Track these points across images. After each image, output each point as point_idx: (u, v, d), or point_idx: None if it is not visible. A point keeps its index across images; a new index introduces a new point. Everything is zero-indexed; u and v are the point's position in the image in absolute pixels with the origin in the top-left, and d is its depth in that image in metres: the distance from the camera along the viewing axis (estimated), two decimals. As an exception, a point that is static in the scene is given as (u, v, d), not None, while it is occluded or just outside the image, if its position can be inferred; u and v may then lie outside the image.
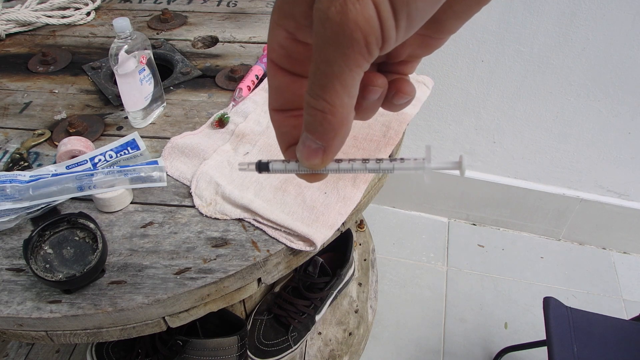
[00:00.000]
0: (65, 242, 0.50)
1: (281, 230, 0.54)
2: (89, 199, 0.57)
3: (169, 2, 0.97)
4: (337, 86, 0.19)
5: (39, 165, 0.62)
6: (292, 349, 0.95)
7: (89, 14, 0.91)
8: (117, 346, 0.86)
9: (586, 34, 1.03)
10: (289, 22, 0.21)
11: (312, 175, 0.25)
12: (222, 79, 0.76)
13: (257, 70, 0.75)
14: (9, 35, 0.86)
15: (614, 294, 1.33)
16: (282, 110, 0.24)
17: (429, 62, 1.17)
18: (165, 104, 0.71)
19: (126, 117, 0.69)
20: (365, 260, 1.17)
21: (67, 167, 0.56)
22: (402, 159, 0.25)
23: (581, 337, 0.86)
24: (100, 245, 0.49)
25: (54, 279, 0.46)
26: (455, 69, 1.17)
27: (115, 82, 0.67)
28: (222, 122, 0.67)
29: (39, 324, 0.48)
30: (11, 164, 0.61)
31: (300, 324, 0.96)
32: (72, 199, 0.57)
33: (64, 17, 0.89)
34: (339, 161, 0.25)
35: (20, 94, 0.74)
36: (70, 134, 0.64)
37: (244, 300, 0.96)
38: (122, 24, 0.61)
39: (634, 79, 1.08)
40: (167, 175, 0.60)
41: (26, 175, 0.55)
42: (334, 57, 0.18)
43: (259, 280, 0.54)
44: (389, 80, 0.24)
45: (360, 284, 1.11)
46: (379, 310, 1.24)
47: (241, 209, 0.56)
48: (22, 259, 0.51)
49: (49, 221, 0.50)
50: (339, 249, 1.06)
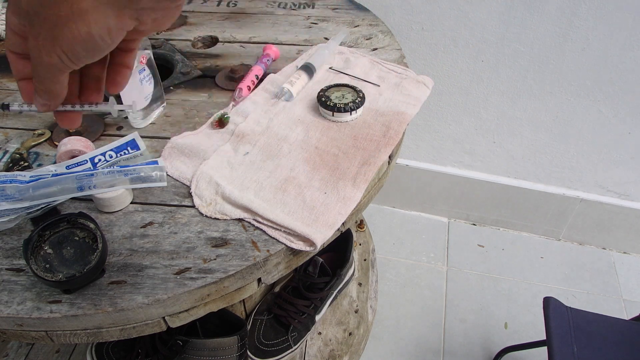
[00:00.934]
0: (65, 242, 0.50)
1: (281, 230, 0.54)
2: (89, 199, 0.57)
3: (169, 2, 0.96)
4: (48, 84, 0.34)
5: (39, 165, 0.62)
6: (292, 349, 0.95)
7: (89, 14, 0.90)
8: (117, 346, 0.86)
9: (586, 34, 1.03)
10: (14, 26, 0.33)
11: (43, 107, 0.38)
12: (222, 79, 0.76)
13: (257, 70, 0.75)
14: (9, 35, 0.86)
15: (614, 294, 1.33)
16: (16, 53, 0.35)
17: (429, 62, 1.18)
18: (165, 104, 0.71)
19: (126, 117, 0.69)
20: (365, 260, 1.17)
21: (67, 167, 0.56)
22: (97, 104, 0.40)
23: (581, 337, 0.86)
24: (100, 245, 0.49)
25: (54, 279, 0.46)
26: (455, 69, 1.17)
27: (115, 82, 0.67)
28: (222, 122, 0.67)
29: (39, 324, 0.48)
30: (11, 164, 0.61)
31: (300, 324, 0.96)
32: (72, 199, 0.57)
33: (64, 17, 0.88)
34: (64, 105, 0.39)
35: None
36: (70, 134, 0.64)
37: (244, 300, 0.96)
38: (122, 24, 0.61)
39: (634, 79, 1.08)
40: (167, 175, 0.60)
41: (26, 175, 0.55)
42: (44, 74, 0.33)
43: (259, 280, 0.54)
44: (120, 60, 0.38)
45: (360, 284, 1.11)
46: (379, 310, 1.24)
47: (241, 209, 0.56)
48: (22, 259, 0.51)
49: (49, 221, 0.50)
50: (339, 249, 1.06)
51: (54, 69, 0.32)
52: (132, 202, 0.58)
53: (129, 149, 0.59)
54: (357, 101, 0.68)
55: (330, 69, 0.78)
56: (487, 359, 1.18)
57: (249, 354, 0.91)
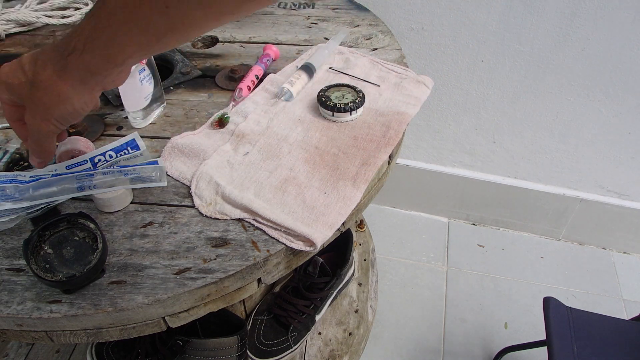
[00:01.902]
0: (65, 242, 0.50)
1: (281, 230, 0.54)
2: (89, 199, 0.57)
3: (169, 2, 0.96)
4: (45, 146, 0.48)
5: (39, 165, 0.62)
6: (292, 349, 0.95)
7: (89, 14, 0.90)
8: (117, 346, 0.86)
9: (586, 34, 1.03)
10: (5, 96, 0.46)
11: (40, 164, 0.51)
12: (222, 79, 0.76)
13: (257, 70, 0.75)
14: (9, 35, 0.86)
15: (614, 294, 1.33)
16: (18, 120, 0.47)
17: (429, 62, 1.18)
18: (165, 104, 0.71)
19: (126, 117, 0.69)
20: (365, 260, 1.17)
21: (67, 167, 0.56)
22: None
23: (581, 337, 0.86)
24: (100, 245, 0.49)
25: (54, 279, 0.46)
26: (455, 69, 1.17)
27: (115, 82, 0.67)
28: (222, 122, 0.67)
29: (39, 324, 0.48)
30: (11, 164, 0.61)
31: (300, 324, 0.96)
32: (72, 199, 0.58)
33: (64, 17, 0.89)
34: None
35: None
36: (70, 134, 0.64)
37: (244, 300, 0.96)
38: (122, 24, 0.61)
39: (634, 79, 1.08)
40: (167, 175, 0.60)
41: (26, 175, 0.55)
42: (42, 139, 0.47)
43: (259, 280, 0.54)
44: None
45: (360, 284, 1.11)
46: (379, 310, 1.24)
47: (241, 209, 0.56)
48: (22, 259, 0.51)
49: (49, 221, 0.50)
50: (339, 249, 1.06)
51: (50, 134, 0.45)
52: (132, 202, 0.58)
53: (129, 149, 0.59)
54: (357, 101, 0.68)
55: (330, 69, 0.78)
56: (487, 359, 1.18)
57: (249, 354, 0.91)
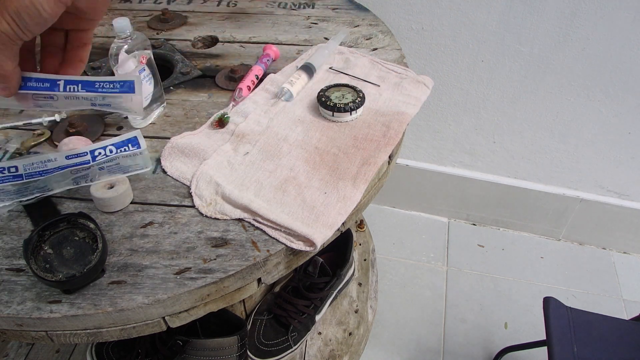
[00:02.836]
0: (65, 242, 0.50)
1: (281, 230, 0.54)
2: (89, 199, 0.57)
3: (169, 2, 0.97)
4: (2, 60, 0.38)
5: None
6: (292, 349, 0.95)
7: (89, 14, 0.90)
8: (117, 346, 0.86)
9: (586, 34, 1.03)
10: None
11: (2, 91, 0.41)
12: (222, 79, 0.76)
13: (257, 70, 0.75)
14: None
15: (614, 294, 1.33)
16: None
17: (429, 62, 1.18)
18: (165, 104, 0.71)
19: (126, 117, 0.69)
20: (365, 260, 1.17)
21: (67, 157, 0.56)
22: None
23: (581, 337, 0.86)
24: (100, 245, 0.49)
25: (54, 279, 0.46)
26: (455, 69, 1.17)
27: (115, 82, 0.67)
28: (222, 122, 0.67)
29: (39, 324, 0.48)
30: (11, 164, 0.61)
31: (300, 324, 0.96)
32: (72, 198, 0.58)
33: (64, 17, 0.88)
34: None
35: None
36: (70, 134, 0.64)
37: (244, 300, 0.96)
38: (122, 24, 0.61)
39: (634, 79, 1.08)
40: (167, 175, 0.60)
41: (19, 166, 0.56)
42: None
43: (259, 280, 0.54)
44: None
45: (360, 284, 1.11)
46: (379, 310, 1.24)
47: (241, 209, 0.56)
48: (22, 259, 0.51)
49: (49, 221, 0.50)
50: (339, 249, 1.06)
51: (4, 38, 0.36)
52: (132, 202, 0.58)
53: (130, 145, 0.59)
54: (357, 101, 0.68)
55: (330, 69, 0.78)
56: (487, 359, 1.18)
57: (249, 354, 0.91)
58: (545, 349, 0.87)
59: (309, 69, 0.74)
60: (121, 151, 0.58)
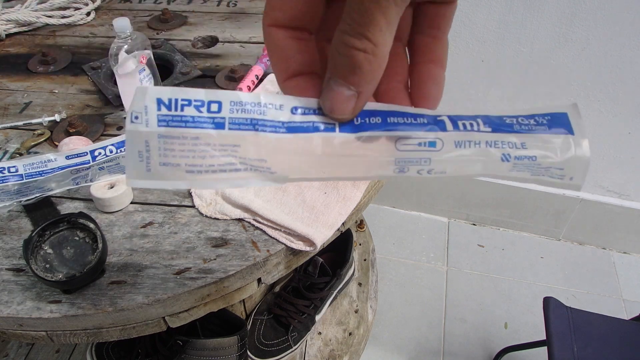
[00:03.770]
0: (65, 242, 0.50)
1: (281, 230, 0.54)
2: (89, 199, 0.57)
3: (169, 2, 0.97)
4: (382, 22, 0.18)
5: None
6: (292, 349, 0.95)
7: (89, 14, 0.91)
8: (117, 346, 0.86)
9: (586, 34, 1.03)
10: None
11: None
12: (222, 79, 0.76)
13: (257, 70, 0.75)
14: (9, 35, 0.86)
15: (614, 294, 1.33)
16: (285, 27, 0.21)
17: (429, 62, 1.17)
18: (165, 104, 0.71)
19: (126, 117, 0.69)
20: (365, 260, 1.17)
21: (67, 157, 0.57)
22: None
23: (581, 337, 0.86)
24: (100, 245, 0.49)
25: (54, 279, 0.46)
26: (455, 69, 1.17)
27: (115, 82, 0.67)
28: (222, 122, 0.67)
29: (39, 324, 0.48)
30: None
31: (300, 324, 0.96)
32: (72, 198, 0.58)
33: (64, 17, 0.89)
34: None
35: (20, 94, 0.74)
36: (70, 134, 0.64)
37: (244, 300, 0.95)
38: (122, 24, 0.61)
39: (634, 79, 1.08)
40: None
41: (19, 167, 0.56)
42: (364, 18, 0.17)
43: (259, 280, 0.54)
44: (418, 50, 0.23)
45: (360, 284, 1.11)
46: (379, 310, 1.24)
47: (241, 209, 0.56)
48: (22, 259, 0.51)
49: (49, 221, 0.50)
50: (339, 249, 1.06)
51: (389, 15, 0.18)
52: (132, 202, 0.58)
53: (129, 146, 0.59)
54: (357, 101, 0.67)
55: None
56: (487, 358, 1.18)
57: (249, 354, 0.91)
58: (545, 349, 0.87)
59: (309, 69, 0.74)
60: (121, 151, 0.58)
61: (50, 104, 0.72)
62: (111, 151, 0.58)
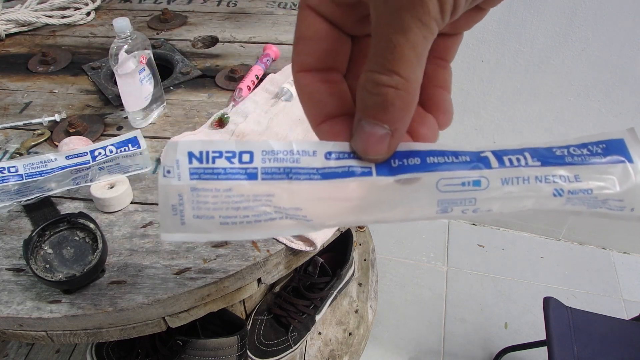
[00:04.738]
0: (65, 242, 0.50)
1: (281, 230, 0.54)
2: (89, 199, 0.57)
3: (169, 2, 0.97)
4: (412, 57, 0.17)
5: (39, 165, 0.62)
6: (292, 349, 0.95)
7: (89, 14, 0.91)
8: (117, 346, 0.86)
9: (586, 34, 1.03)
10: None
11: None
12: (222, 79, 0.76)
13: (257, 70, 0.75)
14: (9, 35, 0.86)
15: (614, 294, 1.33)
16: (313, 70, 0.21)
17: (429, 62, 1.17)
18: (165, 104, 0.71)
19: (126, 117, 0.69)
20: (365, 260, 1.17)
21: (67, 157, 0.57)
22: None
23: (581, 337, 0.86)
24: (100, 245, 0.49)
25: (54, 279, 0.46)
26: (455, 69, 1.17)
27: (115, 82, 0.67)
28: (222, 122, 0.67)
29: (39, 324, 0.48)
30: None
31: (300, 324, 0.96)
32: (72, 198, 0.58)
33: (64, 17, 0.89)
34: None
35: (20, 94, 0.74)
36: (70, 134, 0.64)
37: (244, 300, 0.95)
38: (122, 24, 0.61)
39: (634, 79, 1.08)
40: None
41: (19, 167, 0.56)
42: (410, 24, 0.17)
43: (259, 280, 0.54)
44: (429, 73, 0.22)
45: (360, 284, 1.11)
46: (379, 310, 1.24)
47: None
48: (22, 259, 0.51)
49: (49, 221, 0.50)
50: (339, 249, 1.06)
51: (423, 49, 0.18)
52: (132, 202, 0.58)
53: (130, 145, 0.59)
54: (357, 101, 0.68)
55: (330, 69, 0.78)
56: (487, 358, 1.18)
57: (249, 354, 0.91)
58: (545, 349, 0.87)
59: (309, 69, 0.74)
60: (121, 151, 0.58)
61: (50, 104, 0.72)
62: (111, 151, 0.58)
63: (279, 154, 0.21)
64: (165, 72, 0.78)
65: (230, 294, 0.53)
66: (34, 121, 0.68)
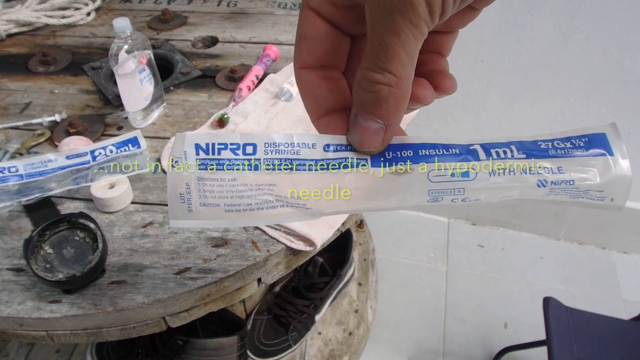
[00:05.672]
0: (65, 242, 0.50)
1: (281, 230, 0.54)
2: (89, 199, 0.57)
3: (169, 2, 0.97)
4: (404, 56, 0.19)
5: (39, 165, 0.62)
6: (292, 349, 0.95)
7: (89, 14, 0.91)
8: (117, 346, 0.86)
9: (586, 34, 1.03)
10: None
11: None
12: (222, 79, 0.76)
13: (257, 70, 0.75)
14: (9, 35, 0.86)
15: (614, 294, 1.33)
16: (314, 67, 0.22)
17: (429, 62, 1.17)
18: (165, 104, 0.71)
19: (126, 117, 0.69)
20: (365, 260, 1.17)
21: (67, 157, 0.57)
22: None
23: (581, 337, 0.86)
24: (100, 245, 0.49)
25: (54, 279, 0.46)
26: (455, 69, 1.17)
27: (115, 82, 0.67)
28: (222, 122, 0.67)
29: (39, 324, 0.48)
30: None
31: (300, 324, 0.96)
32: (72, 198, 0.58)
33: (64, 17, 0.89)
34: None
35: (20, 94, 0.74)
36: (70, 134, 0.64)
37: (244, 300, 0.96)
38: (122, 24, 0.61)
39: (634, 79, 1.08)
40: (167, 175, 0.60)
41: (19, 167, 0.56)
42: (401, 26, 0.18)
43: (259, 280, 0.54)
44: (427, 67, 0.24)
45: (360, 284, 1.11)
46: (379, 310, 1.24)
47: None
48: (22, 259, 0.51)
49: (49, 221, 0.50)
50: (339, 249, 1.06)
51: (415, 47, 0.19)
52: (132, 202, 0.58)
53: (130, 145, 0.59)
54: (357, 101, 0.68)
55: (330, 69, 0.78)
56: (487, 358, 1.18)
57: (249, 353, 0.91)
58: (545, 349, 0.87)
59: (309, 69, 0.74)
60: (121, 151, 0.58)
61: (50, 104, 0.72)
62: (111, 151, 0.58)
63: (280, 146, 0.22)
64: (165, 72, 0.78)
65: (230, 293, 0.53)
66: (34, 121, 0.68)
